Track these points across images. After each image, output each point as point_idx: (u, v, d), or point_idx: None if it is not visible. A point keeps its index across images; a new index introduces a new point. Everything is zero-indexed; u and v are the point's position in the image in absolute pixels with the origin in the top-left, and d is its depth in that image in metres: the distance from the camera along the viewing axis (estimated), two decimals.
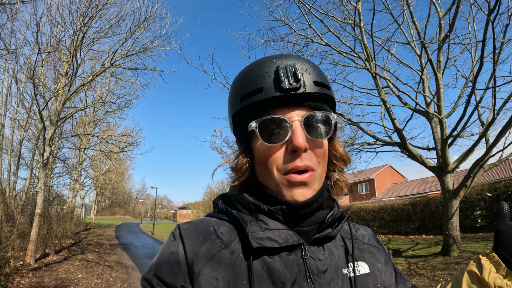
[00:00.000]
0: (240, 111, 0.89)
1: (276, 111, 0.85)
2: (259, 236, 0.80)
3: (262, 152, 0.87)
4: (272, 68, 0.85)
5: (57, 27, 13.48)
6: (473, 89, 9.18)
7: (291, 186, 0.84)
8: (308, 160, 0.83)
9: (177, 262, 0.81)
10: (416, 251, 13.35)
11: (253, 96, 0.85)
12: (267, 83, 0.84)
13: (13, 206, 14.21)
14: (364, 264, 0.92)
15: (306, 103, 0.86)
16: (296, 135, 0.81)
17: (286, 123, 0.83)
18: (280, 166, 0.84)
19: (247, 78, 0.88)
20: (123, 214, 73.26)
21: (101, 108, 18.61)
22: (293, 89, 0.82)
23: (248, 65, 0.94)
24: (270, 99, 0.83)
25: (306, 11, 10.56)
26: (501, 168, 29.08)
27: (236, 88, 0.91)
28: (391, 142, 12.12)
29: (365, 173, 43.11)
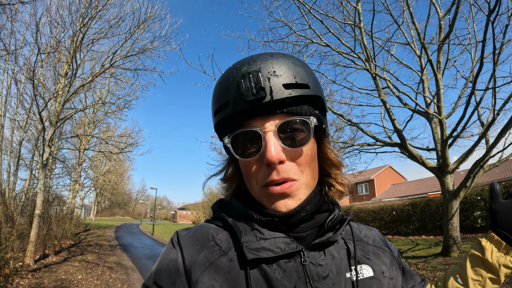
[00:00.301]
0: (217, 125, 0.87)
1: (249, 122, 0.80)
2: (254, 247, 0.78)
3: (242, 165, 0.85)
4: (236, 78, 0.80)
5: (57, 28, 13.50)
6: (473, 89, 9.18)
7: (272, 198, 0.81)
8: (285, 172, 0.79)
9: (176, 270, 0.80)
10: (416, 252, 13.34)
11: (222, 111, 0.82)
12: (231, 96, 0.80)
13: (13, 207, 14.20)
14: (368, 267, 0.89)
15: (281, 110, 0.79)
16: (269, 148, 0.76)
17: (258, 135, 0.79)
18: (259, 179, 0.81)
19: (217, 92, 0.85)
20: (123, 215, 73.28)
21: (101, 109, 18.63)
22: (257, 99, 0.76)
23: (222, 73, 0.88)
24: (238, 112, 0.79)
25: (306, 11, 10.56)
26: (501, 168, 29.10)
27: (212, 101, 0.88)
28: (391, 143, 12.12)
29: (365, 173, 43.12)
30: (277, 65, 0.80)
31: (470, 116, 10.29)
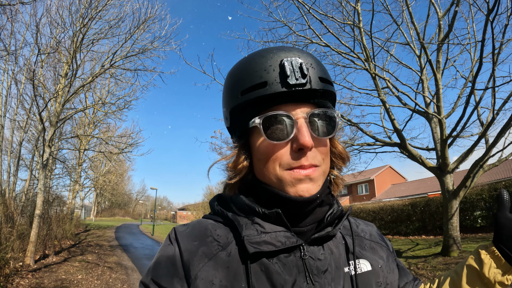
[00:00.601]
0: (240, 105, 0.85)
1: (280, 107, 0.81)
2: (255, 240, 0.78)
3: (264, 149, 0.83)
4: (276, 61, 0.81)
5: (57, 28, 13.50)
6: (472, 89, 9.18)
7: (295, 182, 0.80)
8: (313, 158, 0.80)
9: (174, 266, 0.80)
10: (416, 252, 13.34)
11: (256, 90, 0.81)
12: (271, 77, 0.80)
13: (13, 207, 14.20)
14: (366, 262, 0.90)
15: (310, 100, 0.83)
16: (302, 132, 0.78)
17: (291, 120, 0.80)
18: (284, 163, 0.80)
19: (248, 71, 0.84)
20: (123, 216, 73.19)
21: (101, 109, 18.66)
22: (300, 85, 0.79)
23: (247, 56, 0.90)
24: (275, 94, 0.79)
25: (305, 11, 10.56)
26: (501, 168, 29.09)
27: (236, 81, 0.86)
28: (391, 143, 12.12)
29: (365, 174, 43.08)
30: (311, 59, 0.85)
31: (470, 115, 10.31)
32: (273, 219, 0.82)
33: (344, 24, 11.42)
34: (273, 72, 0.80)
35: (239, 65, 0.89)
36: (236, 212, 0.88)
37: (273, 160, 0.81)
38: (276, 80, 0.79)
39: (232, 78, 0.89)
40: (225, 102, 0.91)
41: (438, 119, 10.94)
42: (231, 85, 0.88)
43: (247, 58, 0.88)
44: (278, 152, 0.81)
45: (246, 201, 0.86)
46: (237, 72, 0.88)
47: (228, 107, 0.89)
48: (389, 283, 0.92)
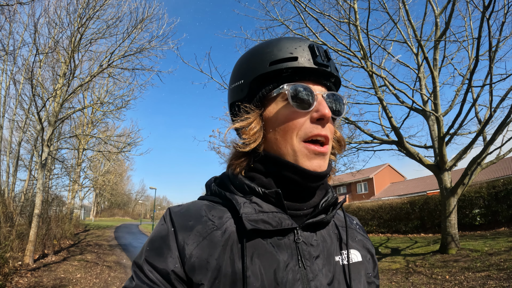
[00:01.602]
0: (265, 75, 0.88)
1: (302, 81, 0.87)
2: (253, 218, 0.79)
3: (284, 118, 0.86)
4: (305, 44, 0.89)
5: (55, 28, 13.52)
6: (469, 86, 9.20)
7: (311, 156, 0.83)
8: (328, 130, 0.86)
9: (168, 246, 0.80)
10: (414, 250, 13.35)
11: (286, 62, 0.86)
12: (302, 54, 0.87)
13: (12, 207, 14.21)
14: (357, 253, 0.93)
15: (326, 82, 0.91)
16: (324, 105, 0.84)
17: (312, 94, 0.85)
18: (301, 132, 0.84)
19: (277, 47, 0.89)
20: (123, 216, 73.01)
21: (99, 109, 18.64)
22: (325, 66, 0.87)
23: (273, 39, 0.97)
24: (303, 68, 0.86)
25: (301, 10, 10.57)
26: (499, 166, 29.11)
27: (262, 54, 0.90)
28: (389, 141, 12.13)
29: (364, 172, 43.10)
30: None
31: (467, 113, 10.32)
32: (271, 199, 0.84)
33: (340, 22, 11.43)
34: (303, 51, 0.88)
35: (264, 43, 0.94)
36: (234, 191, 0.89)
37: (291, 129, 0.84)
38: (306, 57, 0.87)
39: (256, 52, 0.93)
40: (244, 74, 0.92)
41: (436, 116, 10.95)
42: (256, 57, 0.92)
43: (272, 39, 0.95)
44: (297, 121, 0.84)
45: (246, 181, 0.87)
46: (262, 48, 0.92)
47: (249, 77, 0.90)
48: (376, 276, 0.96)
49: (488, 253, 10.12)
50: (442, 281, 8.57)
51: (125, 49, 13.76)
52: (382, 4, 11.18)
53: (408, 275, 9.58)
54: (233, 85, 0.96)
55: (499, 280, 7.67)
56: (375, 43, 12.01)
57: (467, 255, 10.36)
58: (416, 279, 9.12)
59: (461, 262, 9.77)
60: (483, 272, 8.54)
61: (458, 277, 8.57)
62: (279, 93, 0.86)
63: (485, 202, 15.80)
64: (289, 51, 0.87)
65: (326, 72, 0.89)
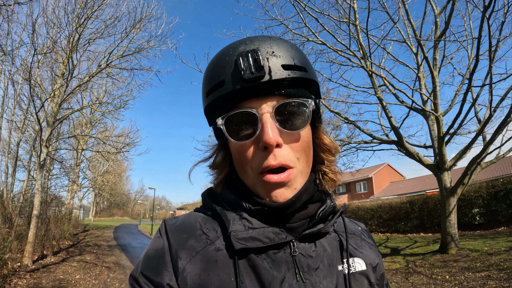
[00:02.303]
0: (209, 106, 0.82)
1: (244, 103, 0.77)
2: (242, 236, 0.75)
3: (234, 150, 0.81)
4: (233, 57, 0.77)
5: (53, 28, 13.51)
6: (469, 86, 9.19)
7: (268, 187, 0.77)
8: (283, 157, 0.76)
9: (162, 260, 0.78)
10: (414, 249, 13.35)
11: (216, 90, 0.78)
12: (228, 74, 0.76)
13: (11, 208, 14.19)
14: (361, 261, 0.89)
15: (279, 91, 0.77)
16: (266, 129, 0.73)
17: (255, 116, 0.75)
18: (254, 165, 0.77)
19: (211, 71, 0.81)
20: (122, 216, 73.04)
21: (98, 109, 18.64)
22: (256, 78, 0.73)
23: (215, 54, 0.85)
24: (234, 91, 0.76)
25: (301, 9, 10.56)
26: (499, 165, 29.14)
27: (203, 83, 0.84)
28: (388, 140, 12.13)
29: (363, 172, 43.18)
30: (275, 45, 0.78)
31: (467, 113, 10.32)
32: (259, 216, 0.80)
33: (340, 21, 11.41)
34: (230, 68, 0.76)
35: (208, 65, 0.86)
36: (225, 206, 0.85)
37: (244, 162, 0.79)
38: (232, 77, 0.76)
39: (203, 79, 0.86)
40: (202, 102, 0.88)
41: (435, 116, 10.94)
42: (202, 86, 0.85)
43: (213, 57, 0.84)
44: (247, 153, 0.78)
45: (232, 197, 0.84)
46: (204, 73, 0.85)
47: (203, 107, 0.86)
48: (382, 286, 0.92)
49: (488, 253, 10.12)
50: (442, 281, 8.56)
51: (124, 49, 13.75)
52: (382, 4, 11.16)
53: (408, 275, 9.57)
54: None
55: (499, 280, 7.66)
56: (375, 43, 11.99)
57: (467, 255, 10.35)
58: (416, 279, 9.11)
59: (461, 262, 9.76)
60: (483, 272, 8.53)
61: (458, 277, 8.56)
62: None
63: (485, 202, 15.81)
64: (217, 74, 0.78)
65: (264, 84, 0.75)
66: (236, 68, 0.75)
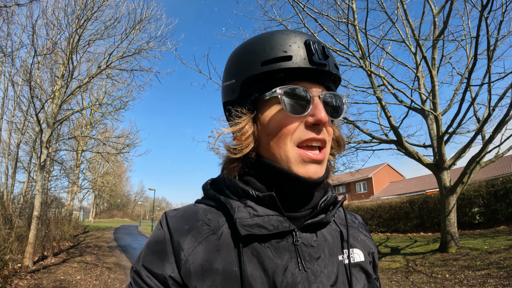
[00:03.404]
0: (257, 76, 0.83)
1: (298, 82, 0.82)
2: (248, 223, 0.77)
3: (277, 122, 0.82)
4: (300, 40, 0.83)
5: (53, 30, 13.51)
6: (468, 85, 9.21)
7: (304, 163, 0.80)
8: (325, 134, 0.83)
9: (164, 252, 0.79)
10: (414, 249, 13.36)
11: (280, 62, 0.81)
12: (297, 52, 0.81)
13: (11, 209, 14.19)
14: (360, 252, 0.91)
15: (324, 82, 0.86)
16: (319, 108, 0.80)
17: (308, 96, 0.81)
18: (295, 138, 0.80)
19: (270, 44, 0.83)
20: (122, 217, 72.89)
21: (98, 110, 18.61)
22: (322, 64, 0.82)
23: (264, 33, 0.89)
24: (298, 69, 0.81)
25: (300, 10, 10.58)
26: (498, 164, 29.14)
27: (254, 52, 0.84)
28: (388, 140, 12.13)
29: (363, 172, 43.16)
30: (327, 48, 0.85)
31: (466, 112, 10.32)
32: (266, 202, 0.82)
33: (339, 22, 11.41)
34: (299, 48, 0.82)
35: (255, 39, 0.88)
36: (229, 195, 0.86)
37: (285, 134, 0.81)
38: (302, 56, 0.81)
39: (247, 49, 0.87)
40: (235, 73, 0.88)
41: (434, 116, 10.95)
42: (247, 56, 0.86)
43: (265, 34, 0.88)
44: (291, 126, 0.81)
45: (240, 184, 0.85)
46: (254, 45, 0.86)
47: (240, 77, 0.86)
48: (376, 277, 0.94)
49: (488, 252, 10.14)
50: (442, 280, 8.57)
51: (124, 50, 13.75)
52: (380, 4, 11.17)
53: (408, 274, 9.58)
54: (224, 84, 0.92)
55: (499, 279, 7.68)
56: (374, 43, 12.00)
57: (466, 253, 10.37)
58: (416, 278, 9.12)
59: (461, 261, 9.78)
60: (483, 271, 8.55)
61: (458, 276, 8.58)
62: (272, 96, 0.82)
63: (484, 201, 15.83)
64: (283, 49, 0.81)
65: (323, 71, 0.83)
66: (309, 50, 0.82)
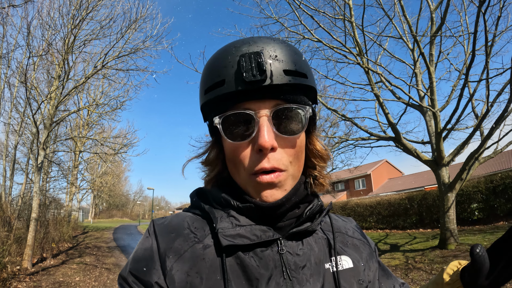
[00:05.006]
0: (207, 103, 0.82)
1: (243, 104, 0.78)
2: (230, 233, 0.76)
3: (228, 149, 0.81)
4: (235, 57, 0.77)
5: (48, 30, 13.46)
6: (466, 81, 9.19)
7: (259, 187, 0.78)
8: (276, 160, 0.77)
9: (151, 259, 0.78)
10: (413, 245, 13.38)
11: (216, 89, 0.78)
12: (229, 74, 0.76)
13: (9, 211, 14.18)
14: (348, 259, 0.89)
15: (278, 96, 0.78)
16: (262, 133, 0.74)
17: (252, 118, 0.76)
18: (248, 166, 0.78)
19: (211, 68, 0.81)
20: (121, 217, 73.08)
21: (95, 111, 18.59)
22: (257, 82, 0.74)
23: (216, 51, 0.84)
24: (234, 92, 0.76)
25: (296, 7, 10.56)
26: (497, 160, 29.22)
27: (202, 79, 0.84)
28: (386, 137, 12.13)
29: (362, 168, 43.22)
30: (279, 49, 0.78)
31: (464, 108, 10.31)
32: (247, 213, 0.81)
33: (335, 18, 11.41)
34: (231, 69, 0.76)
35: (208, 61, 0.85)
36: (213, 205, 0.86)
37: (238, 162, 0.80)
38: (233, 77, 0.76)
39: (201, 75, 0.86)
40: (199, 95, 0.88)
41: (433, 112, 10.94)
42: (200, 83, 0.85)
43: (214, 54, 0.84)
44: (241, 154, 0.78)
45: (223, 194, 0.84)
46: (204, 70, 0.85)
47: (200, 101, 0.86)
48: (370, 282, 0.90)
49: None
50: None
51: (119, 49, 13.71)
52: (377, 0, 11.14)
53: (407, 271, 9.58)
54: None
55: None
56: (371, 39, 11.99)
57: (466, 250, 10.37)
58: (415, 275, 9.12)
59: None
60: None
61: None
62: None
63: (483, 197, 15.85)
64: (218, 73, 0.78)
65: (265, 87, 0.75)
66: (238, 69, 0.75)
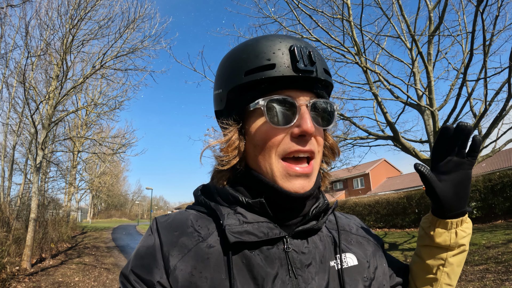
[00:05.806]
0: (241, 86, 0.82)
1: (284, 91, 0.80)
2: (237, 230, 0.76)
3: (262, 134, 0.81)
4: (285, 45, 0.80)
5: (47, 30, 13.43)
6: (464, 80, 9.19)
7: (290, 177, 0.79)
8: (313, 145, 0.81)
9: (153, 257, 0.78)
10: (412, 244, 13.39)
11: (263, 71, 0.79)
12: (281, 60, 0.78)
13: (8, 212, 14.14)
14: (353, 256, 0.89)
15: (313, 89, 0.83)
16: (305, 119, 0.77)
17: (294, 106, 0.79)
18: (280, 150, 0.79)
19: (254, 52, 0.81)
20: (120, 217, 72.93)
21: (93, 111, 18.56)
22: (308, 71, 0.79)
23: (250, 39, 0.87)
24: (282, 77, 0.78)
25: (294, 6, 10.55)
26: (495, 159, 29.27)
27: (239, 61, 0.83)
28: (384, 136, 12.12)
29: (360, 168, 43.25)
30: (316, 50, 0.84)
31: (462, 107, 10.31)
32: (256, 209, 0.81)
33: (334, 18, 11.39)
34: (283, 55, 0.79)
35: (241, 46, 0.86)
36: (219, 202, 0.86)
37: (270, 146, 0.80)
38: (285, 63, 0.78)
39: (233, 58, 0.86)
40: (222, 83, 0.87)
41: (431, 111, 10.94)
42: (232, 65, 0.85)
43: (251, 41, 0.86)
44: (276, 138, 0.79)
45: (230, 191, 0.85)
46: (239, 53, 0.85)
47: (226, 87, 0.85)
48: (375, 278, 0.90)
49: (486, 246, 10.16)
50: None
51: (118, 49, 13.69)
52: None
53: None
54: (215, 93, 0.92)
55: (497, 273, 7.70)
56: (369, 39, 11.98)
57: None
58: None
59: None
60: (481, 266, 8.57)
61: None
62: (256, 107, 0.80)
63: (482, 195, 15.88)
64: (267, 56, 0.79)
65: (310, 78, 0.81)
66: (293, 57, 0.79)
